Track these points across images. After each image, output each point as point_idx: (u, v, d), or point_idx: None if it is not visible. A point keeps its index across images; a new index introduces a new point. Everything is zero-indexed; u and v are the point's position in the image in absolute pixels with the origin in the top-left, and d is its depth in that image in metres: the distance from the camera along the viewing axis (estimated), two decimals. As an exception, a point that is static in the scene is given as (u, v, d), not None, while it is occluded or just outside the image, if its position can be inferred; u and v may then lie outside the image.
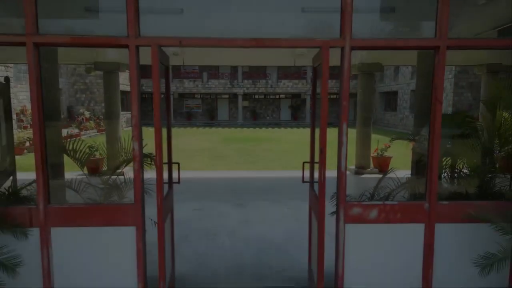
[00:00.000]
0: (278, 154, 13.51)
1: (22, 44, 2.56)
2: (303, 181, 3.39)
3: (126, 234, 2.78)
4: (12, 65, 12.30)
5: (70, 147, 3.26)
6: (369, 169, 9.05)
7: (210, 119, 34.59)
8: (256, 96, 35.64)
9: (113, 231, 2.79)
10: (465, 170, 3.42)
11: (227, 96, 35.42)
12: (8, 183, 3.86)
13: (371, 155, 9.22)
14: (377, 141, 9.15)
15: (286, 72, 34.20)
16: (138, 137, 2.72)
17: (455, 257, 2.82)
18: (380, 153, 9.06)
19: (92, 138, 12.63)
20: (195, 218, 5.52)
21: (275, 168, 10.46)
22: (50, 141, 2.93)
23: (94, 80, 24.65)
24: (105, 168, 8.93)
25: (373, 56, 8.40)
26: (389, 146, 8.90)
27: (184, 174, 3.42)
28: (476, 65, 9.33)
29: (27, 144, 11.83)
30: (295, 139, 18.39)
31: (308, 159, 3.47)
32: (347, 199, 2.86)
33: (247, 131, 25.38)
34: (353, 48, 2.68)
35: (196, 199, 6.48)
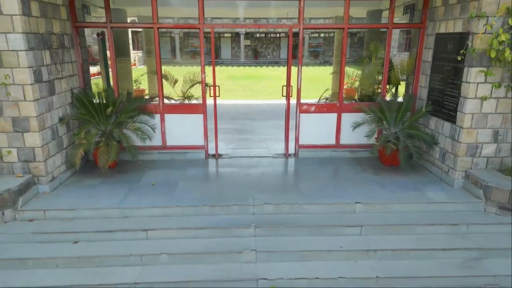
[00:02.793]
0: (276, 89, 16.42)
1: (151, 28, 5.58)
2: (282, 95, 6.51)
3: (198, 117, 6.04)
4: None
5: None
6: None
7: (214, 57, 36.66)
8: (257, 35, 37.35)
9: (192, 116, 6.04)
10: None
11: (229, 35, 37.11)
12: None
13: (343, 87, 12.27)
14: (348, 76, 12.13)
15: (286, 12, 35.47)
16: (204, 71, 5.85)
17: (348, 128, 6.09)
18: (349, 85, 12.11)
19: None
20: (221, 124, 8.76)
21: (273, 99, 13.59)
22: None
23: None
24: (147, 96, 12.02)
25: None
26: (356, 80, 11.92)
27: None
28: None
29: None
30: (292, 77, 21.19)
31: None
32: (301, 102, 6.08)
33: (249, 69, 27.98)
34: (304, 29, 5.68)
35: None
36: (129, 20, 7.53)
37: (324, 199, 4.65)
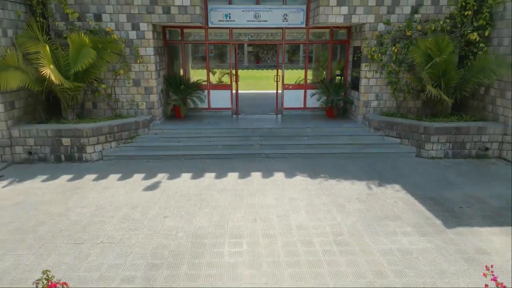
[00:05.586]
0: (274, 85, 21.52)
1: (204, 43, 10.62)
2: (274, 80, 11.47)
3: (228, 92, 11.09)
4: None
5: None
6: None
7: (221, 62, 41.68)
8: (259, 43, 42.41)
9: (225, 91, 11.09)
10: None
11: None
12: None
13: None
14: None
15: (284, 22, 40.51)
16: (231, 67, 10.88)
17: (310, 96, 11.07)
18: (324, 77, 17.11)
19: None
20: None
21: (271, 90, 18.59)
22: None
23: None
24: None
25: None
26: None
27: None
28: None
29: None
30: (288, 77, 26.30)
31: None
32: (284, 83, 11.10)
33: (251, 72, 33.07)
34: (285, 43, 10.70)
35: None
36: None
37: (292, 126, 9.66)
